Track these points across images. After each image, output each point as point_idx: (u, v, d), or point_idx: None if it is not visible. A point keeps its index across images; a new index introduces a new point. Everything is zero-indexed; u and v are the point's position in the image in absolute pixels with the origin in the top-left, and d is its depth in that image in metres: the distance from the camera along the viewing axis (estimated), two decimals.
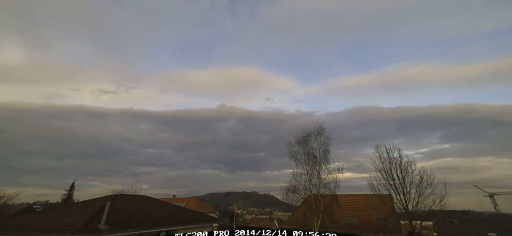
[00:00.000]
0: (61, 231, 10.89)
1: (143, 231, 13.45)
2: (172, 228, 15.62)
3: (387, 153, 19.09)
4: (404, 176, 17.77)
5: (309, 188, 18.70)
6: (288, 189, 19.31)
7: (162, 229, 14.90)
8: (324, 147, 19.15)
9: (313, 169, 18.94)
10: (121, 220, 13.13)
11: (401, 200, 17.63)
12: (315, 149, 19.28)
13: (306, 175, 19.02)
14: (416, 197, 16.96)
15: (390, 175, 18.44)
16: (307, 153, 19.34)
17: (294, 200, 19.54)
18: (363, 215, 24.18)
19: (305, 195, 19.27)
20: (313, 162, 18.96)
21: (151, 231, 14.08)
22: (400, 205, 17.87)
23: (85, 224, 11.15)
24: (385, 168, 18.85)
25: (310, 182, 18.76)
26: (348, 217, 24.19)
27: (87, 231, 10.66)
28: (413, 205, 17.05)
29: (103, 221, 11.38)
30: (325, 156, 18.92)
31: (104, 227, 11.22)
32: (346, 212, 24.42)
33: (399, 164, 18.29)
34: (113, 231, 11.60)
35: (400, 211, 19.11)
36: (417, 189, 17.04)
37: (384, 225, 21.60)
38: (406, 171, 17.83)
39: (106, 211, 11.83)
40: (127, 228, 12.65)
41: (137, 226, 13.36)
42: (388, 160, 18.87)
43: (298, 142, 20.03)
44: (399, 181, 17.84)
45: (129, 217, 14.07)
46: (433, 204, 16.50)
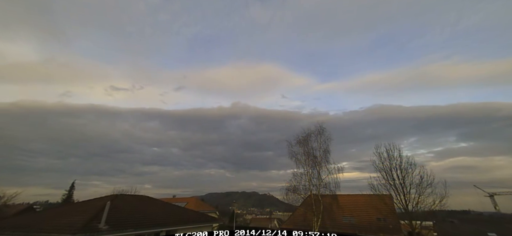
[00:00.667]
0: (61, 231, 10.89)
1: (143, 231, 13.44)
2: (172, 228, 15.60)
3: (387, 153, 19.15)
4: (404, 176, 17.79)
5: (309, 188, 18.70)
6: (288, 189, 19.31)
7: (162, 229, 14.89)
8: (324, 147, 19.16)
9: (313, 169, 18.94)
10: (121, 220, 13.12)
11: (401, 200, 17.65)
12: (316, 149, 19.29)
13: (306, 175, 19.02)
14: (416, 197, 16.99)
15: (390, 175, 18.47)
16: (307, 153, 19.34)
17: (294, 200, 19.52)
18: (363, 215, 24.18)
19: (305, 195, 19.27)
20: (313, 162, 18.96)
21: (151, 231, 14.08)
22: (400, 205, 17.90)
23: (85, 224, 11.14)
24: (385, 168, 18.90)
25: (310, 182, 18.76)
26: (348, 217, 24.18)
27: (87, 231, 10.65)
28: (413, 205, 17.08)
29: (103, 221, 11.38)
30: (325, 156, 18.93)
31: (104, 227, 11.22)
32: (346, 212, 24.41)
33: (399, 164, 18.33)
34: (113, 231, 11.59)
35: (400, 211, 19.13)
36: (417, 189, 17.07)
37: (384, 225, 21.61)
38: (406, 171, 17.87)
39: (106, 211, 11.83)
40: (127, 228, 12.64)
41: (137, 226, 13.35)
42: (388, 160, 18.91)
43: (298, 142, 20.02)
44: (399, 181, 17.87)
45: (129, 217, 14.06)
46: (433, 204, 16.54)
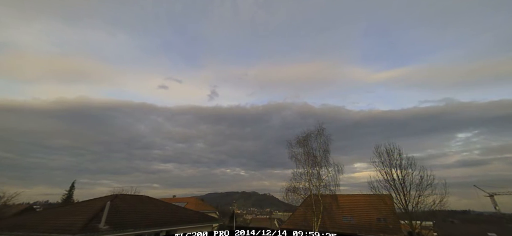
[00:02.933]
0: (61, 231, 10.89)
1: (143, 231, 13.45)
2: (172, 228, 15.62)
3: (387, 153, 19.13)
4: (404, 176, 17.78)
5: (309, 188, 18.71)
6: (288, 189, 19.30)
7: (162, 229, 14.90)
8: (324, 147, 19.17)
9: (313, 169, 18.94)
10: (121, 220, 13.14)
11: (401, 200, 17.64)
12: (315, 149, 19.30)
13: (306, 175, 19.03)
14: (416, 197, 16.97)
15: (390, 175, 18.47)
16: (307, 153, 19.35)
17: (294, 200, 19.52)
18: (363, 215, 24.18)
19: (305, 195, 19.27)
20: (313, 162, 18.96)
21: (151, 231, 14.08)
22: (400, 205, 17.88)
23: (85, 224, 11.14)
24: (385, 168, 18.90)
25: (310, 182, 18.77)
26: (348, 217, 24.18)
27: (87, 231, 10.65)
28: (413, 205, 17.07)
29: (103, 221, 11.39)
30: (325, 156, 18.94)
31: (104, 227, 11.23)
32: (346, 212, 24.41)
33: (399, 164, 18.33)
34: (113, 231, 11.59)
35: (400, 211, 19.11)
36: (417, 189, 17.06)
37: (384, 225, 21.60)
38: (406, 171, 17.86)
39: (106, 211, 11.85)
40: (127, 228, 12.64)
41: (137, 226, 13.36)
42: (388, 160, 18.91)
43: (298, 142, 20.02)
44: (399, 181, 17.86)
45: (129, 217, 14.07)
46: (433, 204, 16.52)
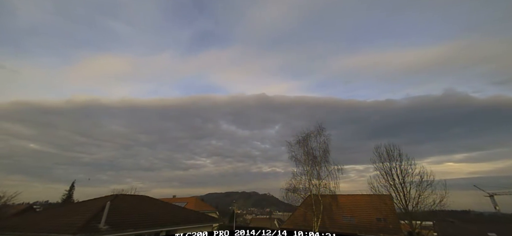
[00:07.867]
0: (61, 231, 10.87)
1: (143, 231, 13.44)
2: (172, 228, 15.59)
3: (387, 153, 19.15)
4: (404, 176, 17.79)
5: (309, 188, 18.70)
6: (288, 189, 19.30)
7: (162, 229, 14.88)
8: (324, 147, 19.17)
9: (313, 169, 18.94)
10: (121, 220, 13.12)
11: (401, 200, 17.66)
12: (315, 149, 19.30)
13: (306, 175, 19.02)
14: (416, 197, 16.99)
15: (390, 175, 18.48)
16: (307, 153, 19.35)
17: (294, 200, 19.53)
18: (363, 215, 24.16)
19: (305, 195, 19.27)
20: (313, 162, 18.96)
21: (151, 231, 14.07)
22: (400, 205, 17.90)
23: (85, 224, 11.13)
24: (385, 168, 18.90)
25: (310, 182, 18.77)
26: (348, 217, 24.16)
27: (87, 231, 10.64)
28: (413, 205, 17.08)
29: (103, 221, 11.38)
30: (325, 156, 18.93)
31: (104, 227, 11.21)
32: (346, 212, 24.40)
33: (399, 164, 18.34)
34: (113, 231, 11.58)
35: (400, 211, 19.12)
36: (417, 189, 17.07)
37: (384, 225, 21.59)
38: (406, 171, 17.87)
39: (106, 211, 11.83)
40: (127, 228, 12.63)
41: (137, 226, 13.34)
42: (388, 160, 18.92)
43: (298, 142, 20.03)
44: (399, 181, 17.87)
45: (129, 217, 14.05)
46: (433, 204, 16.53)
